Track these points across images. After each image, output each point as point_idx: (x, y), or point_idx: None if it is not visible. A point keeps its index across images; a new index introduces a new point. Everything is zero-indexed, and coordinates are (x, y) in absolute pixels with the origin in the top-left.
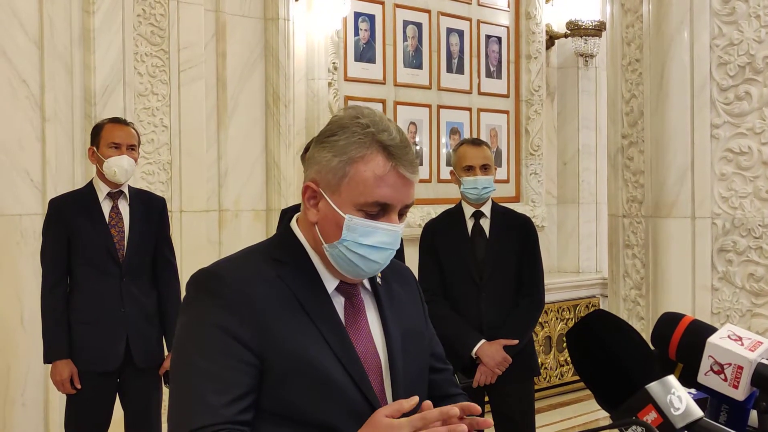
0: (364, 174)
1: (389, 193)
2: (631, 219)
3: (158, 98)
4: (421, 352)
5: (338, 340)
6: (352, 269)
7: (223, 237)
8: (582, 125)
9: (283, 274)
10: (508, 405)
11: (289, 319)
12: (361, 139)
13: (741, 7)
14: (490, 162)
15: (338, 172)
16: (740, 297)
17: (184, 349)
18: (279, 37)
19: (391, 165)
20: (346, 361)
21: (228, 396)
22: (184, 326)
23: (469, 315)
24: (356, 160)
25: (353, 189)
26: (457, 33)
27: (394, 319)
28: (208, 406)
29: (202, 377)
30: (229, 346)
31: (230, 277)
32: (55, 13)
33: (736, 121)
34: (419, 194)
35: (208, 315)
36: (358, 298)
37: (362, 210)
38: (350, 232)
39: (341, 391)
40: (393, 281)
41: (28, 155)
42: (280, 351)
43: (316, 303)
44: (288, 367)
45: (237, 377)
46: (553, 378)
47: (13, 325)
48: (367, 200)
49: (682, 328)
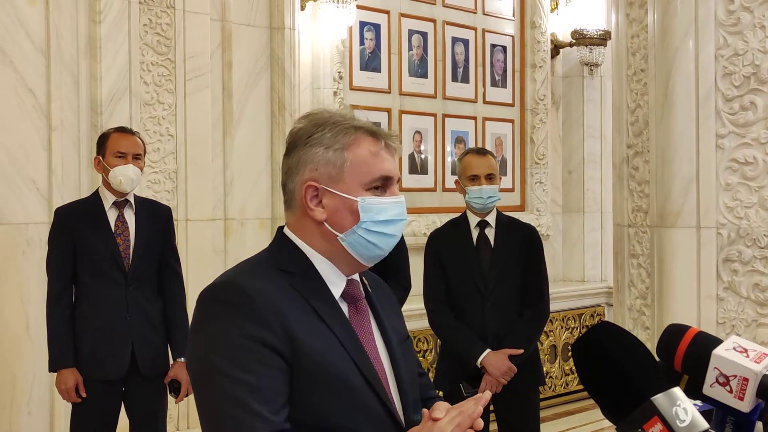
0: (363, 154)
1: (389, 165)
2: (636, 229)
3: (164, 107)
4: (411, 358)
5: (353, 344)
6: (371, 251)
7: (228, 246)
8: (587, 134)
9: (294, 283)
10: (514, 414)
11: (309, 326)
12: (344, 128)
13: (746, 17)
14: (495, 171)
15: (337, 160)
16: (745, 307)
17: (213, 365)
18: (285, 46)
19: (382, 141)
20: (363, 366)
21: (273, 404)
22: (207, 341)
23: (474, 324)
24: (350, 144)
25: (356, 170)
26: (462, 42)
27: (389, 326)
28: (259, 416)
29: (243, 389)
30: (263, 355)
31: (250, 287)
32: (62, 23)
33: (741, 131)
34: (423, 203)
35: (234, 326)
36: (362, 303)
37: (370, 189)
38: (366, 212)
39: (360, 394)
40: (376, 290)
41: (35, 164)
42: (307, 357)
43: (329, 309)
44: (314, 372)
45: (277, 385)
46: (558, 387)
47: (19, 334)
48: (374, 176)
49: (687, 340)
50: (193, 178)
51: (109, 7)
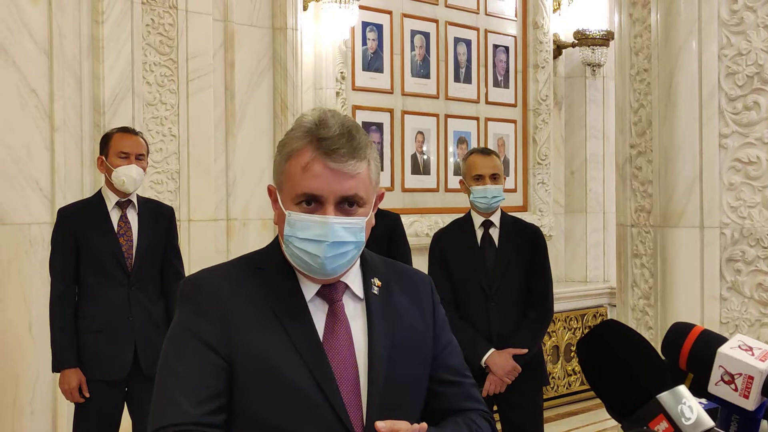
0: (294, 168)
1: (316, 184)
2: (639, 228)
3: (167, 107)
4: (417, 362)
5: (310, 348)
6: (305, 265)
7: (231, 246)
8: (589, 134)
9: (262, 283)
10: (517, 414)
11: (260, 326)
12: (299, 135)
13: (749, 17)
14: (499, 171)
15: (279, 169)
16: (749, 307)
17: (163, 354)
18: (287, 46)
19: (316, 156)
20: (316, 371)
21: (196, 397)
22: (168, 332)
23: (479, 324)
24: (291, 155)
25: (288, 183)
26: (464, 42)
27: (383, 327)
28: (175, 406)
29: (173, 379)
30: (198, 350)
31: (204, 284)
32: (65, 23)
33: (745, 131)
34: (426, 204)
35: (183, 321)
36: (338, 305)
37: (299, 204)
38: (290, 227)
39: (308, 400)
40: (397, 289)
41: (37, 164)
42: (247, 357)
43: (291, 311)
44: (257, 375)
45: (206, 380)
46: (561, 387)
47: (22, 334)
48: (297, 192)
49: (692, 338)
50: (196, 178)
51: (111, 7)
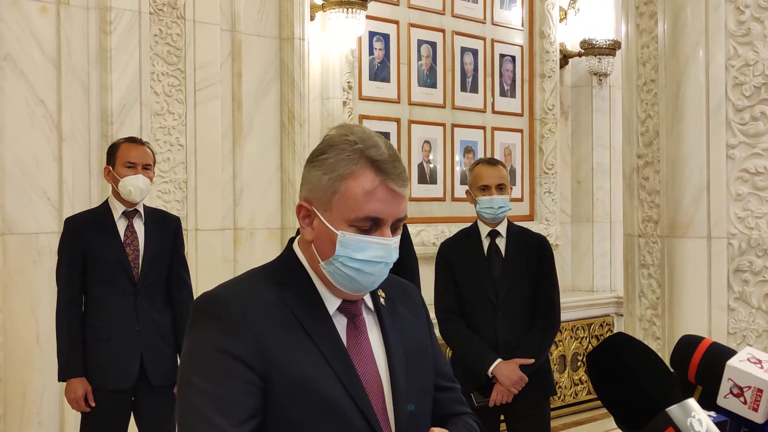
0: (354, 190)
1: (380, 207)
2: (646, 239)
3: (174, 117)
4: (425, 372)
5: (340, 361)
6: (350, 284)
7: (238, 255)
8: (596, 144)
9: (285, 297)
10: (525, 424)
11: (291, 340)
12: (350, 155)
13: (756, 28)
14: (505, 181)
15: (328, 189)
16: (756, 317)
17: (187, 375)
18: (294, 56)
19: (380, 180)
20: (348, 383)
21: (235, 417)
22: (187, 352)
23: (485, 334)
24: (346, 176)
25: (344, 205)
26: (471, 52)
27: (396, 339)
28: (215, 428)
29: (207, 400)
30: (232, 368)
31: (231, 300)
32: (73, 33)
33: (752, 142)
34: (432, 213)
35: (210, 339)
36: (359, 319)
37: (354, 225)
38: (343, 247)
39: (343, 413)
40: (397, 300)
41: (45, 174)
42: (283, 372)
43: (318, 324)
44: (291, 388)
45: (243, 398)
46: (567, 397)
47: (29, 343)
48: (359, 216)
49: (701, 351)
50: (203, 188)
51: (119, 17)
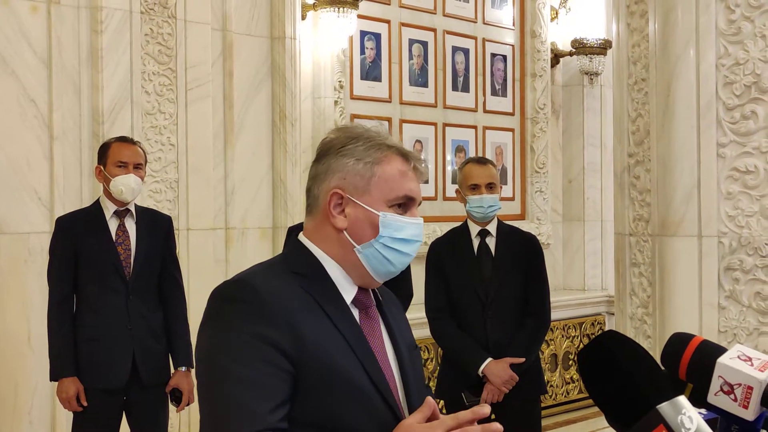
0: (392, 171)
1: (414, 186)
2: (637, 238)
3: (165, 117)
4: (420, 366)
5: (363, 349)
6: (385, 267)
7: (229, 255)
8: (587, 143)
9: (306, 285)
10: (516, 423)
11: (318, 327)
12: (378, 144)
13: (747, 27)
14: (495, 180)
15: (365, 173)
16: (747, 316)
17: (217, 361)
18: (285, 55)
19: (411, 163)
20: (371, 370)
21: (271, 402)
22: (214, 338)
23: (476, 333)
24: (380, 160)
25: (383, 186)
26: (462, 51)
27: (399, 334)
28: (251, 412)
29: (241, 386)
30: (267, 354)
31: (261, 287)
32: (64, 33)
33: (743, 140)
34: (424, 212)
35: (242, 324)
36: (372, 310)
37: (393, 206)
38: (386, 227)
39: (368, 398)
40: (386, 297)
41: (36, 174)
42: (314, 358)
43: (339, 312)
44: (321, 374)
45: (277, 384)
46: (559, 396)
47: (21, 343)
48: (398, 194)
49: (692, 349)
50: (195, 187)
51: (110, 17)
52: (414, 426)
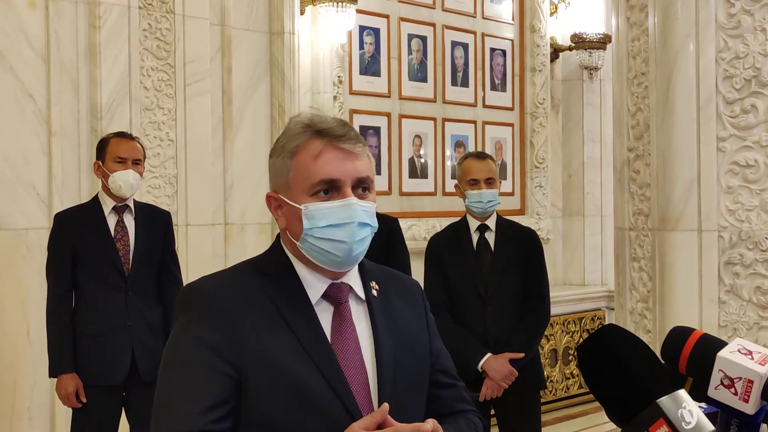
0: (304, 159)
1: (331, 168)
2: (637, 232)
3: (164, 112)
4: (419, 366)
5: (320, 351)
6: (327, 258)
7: (228, 250)
8: (587, 138)
9: (267, 287)
10: (515, 418)
11: (268, 330)
12: (298, 132)
13: (746, 20)
14: (494, 175)
15: (284, 169)
16: (747, 310)
17: (164, 363)
18: (284, 50)
19: (326, 142)
20: (327, 372)
21: (200, 405)
22: (168, 341)
23: (475, 328)
24: (296, 151)
25: (299, 177)
26: (461, 46)
27: (387, 331)
28: (177, 414)
29: (175, 387)
30: (204, 357)
31: (208, 290)
32: (62, 28)
33: (743, 134)
34: (423, 207)
35: (187, 328)
36: (344, 306)
37: (314, 195)
38: (309, 219)
39: (322, 402)
40: (393, 293)
41: (35, 169)
42: (258, 362)
43: (298, 314)
44: (266, 378)
45: (211, 387)
46: (559, 391)
47: (20, 339)
48: (313, 181)
49: (692, 343)
50: (193, 183)
51: (108, 12)
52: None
